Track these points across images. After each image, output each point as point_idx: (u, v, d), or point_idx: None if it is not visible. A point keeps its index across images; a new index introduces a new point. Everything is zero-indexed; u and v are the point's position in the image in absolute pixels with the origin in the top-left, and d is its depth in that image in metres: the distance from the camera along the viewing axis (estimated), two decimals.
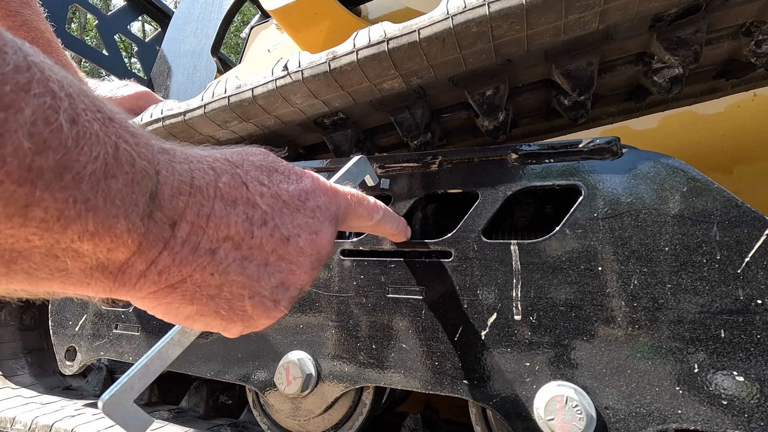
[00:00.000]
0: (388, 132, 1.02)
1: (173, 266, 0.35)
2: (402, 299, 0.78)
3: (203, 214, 0.36)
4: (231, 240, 0.39)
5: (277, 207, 0.43)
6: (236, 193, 0.39)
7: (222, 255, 0.38)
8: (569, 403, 0.62)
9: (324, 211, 0.48)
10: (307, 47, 1.73)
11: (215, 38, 2.74)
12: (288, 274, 0.44)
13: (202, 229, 0.36)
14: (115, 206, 0.29)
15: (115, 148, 0.29)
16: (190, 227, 0.35)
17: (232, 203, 0.39)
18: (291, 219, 0.44)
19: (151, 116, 0.95)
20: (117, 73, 3.34)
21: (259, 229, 0.41)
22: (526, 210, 0.99)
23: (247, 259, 0.40)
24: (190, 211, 0.35)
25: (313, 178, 0.50)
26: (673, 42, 0.73)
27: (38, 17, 1.04)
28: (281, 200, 0.44)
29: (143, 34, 14.89)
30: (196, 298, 0.38)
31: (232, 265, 0.39)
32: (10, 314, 1.27)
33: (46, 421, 0.96)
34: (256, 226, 0.40)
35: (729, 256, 0.61)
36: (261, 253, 0.41)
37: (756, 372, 0.57)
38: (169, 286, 0.36)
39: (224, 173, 0.39)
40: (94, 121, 0.28)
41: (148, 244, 0.33)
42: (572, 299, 0.67)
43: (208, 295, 0.39)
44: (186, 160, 0.37)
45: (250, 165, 0.44)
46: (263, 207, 0.41)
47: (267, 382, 0.86)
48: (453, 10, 0.67)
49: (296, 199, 0.45)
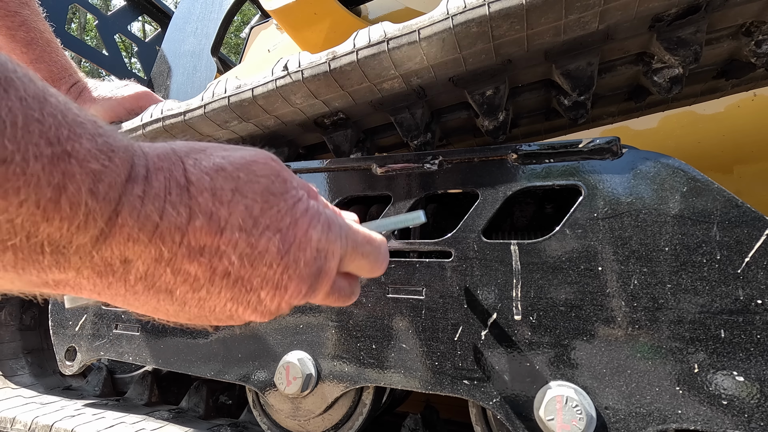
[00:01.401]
0: (388, 132, 1.02)
1: (128, 294, 0.34)
2: (402, 299, 0.78)
3: (162, 261, 0.34)
4: (189, 284, 0.36)
5: (249, 259, 0.37)
6: (207, 240, 0.35)
7: (178, 295, 0.36)
8: (569, 403, 0.62)
9: (301, 267, 0.41)
10: (307, 47, 1.73)
11: (215, 38, 2.74)
12: (240, 314, 0.40)
13: (159, 272, 0.34)
14: (39, 247, 0.28)
15: (58, 191, 0.27)
16: (145, 269, 0.34)
17: (199, 252, 0.35)
18: (258, 273, 0.38)
19: (151, 116, 0.95)
20: (117, 73, 3.34)
21: (221, 279, 0.37)
22: (526, 210, 0.99)
23: (203, 300, 0.38)
24: (146, 255, 0.33)
25: (322, 223, 0.42)
26: (673, 42, 0.73)
27: (37, 17, 1.04)
28: (255, 251, 0.37)
29: (143, 34, 14.91)
30: (157, 313, 0.38)
31: (189, 303, 0.37)
32: (10, 314, 1.27)
33: (46, 421, 0.96)
34: (218, 276, 0.37)
35: (729, 256, 0.61)
36: (217, 299, 0.38)
37: (756, 372, 0.57)
38: (128, 304, 0.36)
39: (199, 215, 0.35)
40: (34, 158, 0.26)
41: (90, 273, 0.31)
42: (572, 299, 0.67)
43: (166, 313, 0.38)
44: (161, 194, 0.33)
45: (241, 198, 0.37)
46: (232, 258, 0.37)
47: (267, 382, 0.86)
48: (453, 10, 0.67)
49: (274, 252, 0.39)
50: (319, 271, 0.42)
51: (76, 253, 0.30)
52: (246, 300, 0.39)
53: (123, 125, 1.00)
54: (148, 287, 0.34)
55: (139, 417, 0.99)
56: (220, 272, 0.36)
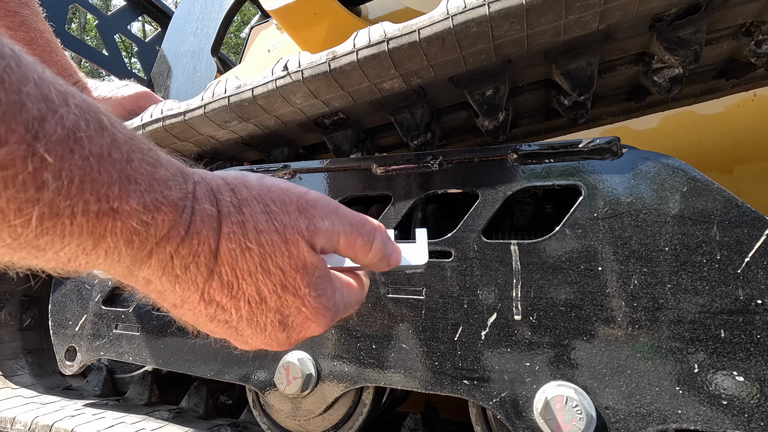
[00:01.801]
0: (388, 132, 1.02)
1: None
2: (402, 299, 0.77)
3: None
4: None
5: (248, 321, 0.43)
6: (217, 297, 0.40)
7: (182, 312, 0.42)
8: (569, 403, 0.62)
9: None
10: (307, 47, 1.73)
11: (215, 38, 2.74)
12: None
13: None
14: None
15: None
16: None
17: (209, 301, 0.40)
18: (252, 331, 0.44)
19: (151, 116, 0.95)
20: (117, 73, 3.34)
21: (218, 324, 0.42)
22: (526, 210, 0.99)
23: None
24: (162, 287, 0.38)
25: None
26: (673, 42, 0.73)
27: (37, 17, 1.04)
28: (254, 318, 0.43)
29: (143, 34, 14.90)
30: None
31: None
32: (10, 314, 1.27)
33: (46, 421, 0.96)
34: (216, 320, 0.42)
35: (729, 256, 0.61)
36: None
37: (756, 372, 0.57)
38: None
39: (218, 280, 0.40)
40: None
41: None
42: (572, 299, 0.67)
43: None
44: (190, 255, 0.37)
45: (258, 278, 0.42)
46: (233, 317, 0.42)
47: (267, 382, 0.86)
48: (453, 10, 0.67)
49: (274, 326, 0.44)
50: (300, 339, 0.48)
51: (105, 271, 0.34)
52: (234, 337, 0.45)
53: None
54: (159, 299, 0.40)
55: (139, 417, 0.99)
56: (220, 320, 0.42)
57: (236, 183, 0.42)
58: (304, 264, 0.43)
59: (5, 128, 0.23)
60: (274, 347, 0.46)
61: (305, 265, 0.43)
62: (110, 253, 0.32)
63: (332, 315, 0.47)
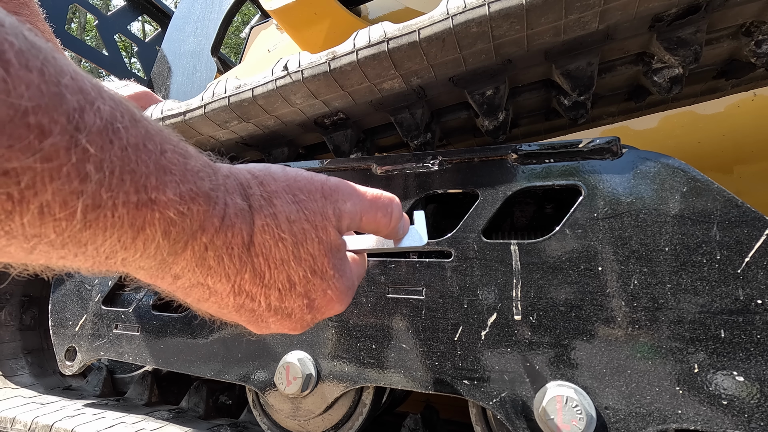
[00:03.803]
0: (388, 132, 1.02)
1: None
2: (402, 299, 0.77)
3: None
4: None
5: (275, 309, 0.44)
6: (247, 287, 0.41)
7: (207, 303, 0.42)
8: (569, 403, 0.62)
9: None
10: (307, 47, 1.73)
11: (215, 38, 2.74)
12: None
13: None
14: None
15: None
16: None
17: (238, 290, 0.41)
18: (277, 317, 0.46)
19: (151, 116, 0.95)
20: (117, 73, 3.34)
21: (244, 312, 0.43)
22: (526, 210, 0.99)
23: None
24: (192, 281, 0.39)
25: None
26: (673, 42, 0.73)
27: (37, 18, 1.04)
28: (283, 305, 0.45)
29: (143, 34, 14.89)
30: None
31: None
32: (10, 314, 1.27)
33: (46, 421, 0.96)
34: (243, 309, 0.43)
35: (729, 256, 0.61)
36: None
37: (756, 372, 0.57)
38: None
39: (251, 271, 0.41)
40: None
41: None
42: (572, 299, 0.67)
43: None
44: (224, 246, 0.38)
45: (291, 265, 0.44)
46: (261, 305, 0.43)
47: (267, 382, 0.86)
48: (453, 10, 0.67)
49: (301, 308, 0.46)
50: (323, 318, 0.50)
51: (138, 268, 0.35)
52: (255, 323, 0.46)
53: None
54: (185, 295, 0.41)
55: (139, 417, 0.99)
56: (247, 308, 0.43)
57: (264, 176, 0.44)
58: (330, 247, 0.45)
59: (48, 119, 0.24)
60: (297, 330, 0.48)
61: (332, 248, 0.46)
62: (148, 246, 0.32)
63: (351, 293, 0.50)
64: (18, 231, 0.25)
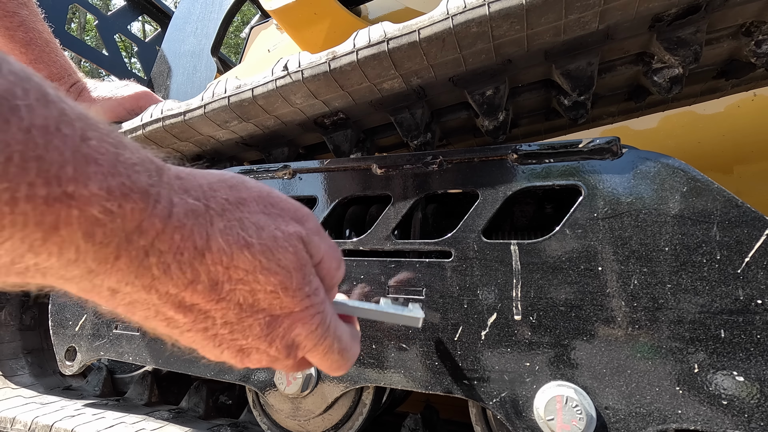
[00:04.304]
0: (388, 132, 1.02)
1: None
2: (402, 299, 0.77)
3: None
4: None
5: (231, 327, 0.39)
6: (200, 302, 0.36)
7: (153, 324, 0.37)
8: (569, 403, 0.62)
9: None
10: (307, 47, 1.73)
11: (215, 38, 2.74)
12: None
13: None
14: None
15: (50, 229, 0.26)
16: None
17: (189, 307, 0.36)
18: (234, 339, 0.40)
19: (151, 116, 0.94)
20: (117, 73, 3.34)
21: (196, 332, 0.39)
22: (526, 210, 0.99)
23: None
24: (132, 296, 0.33)
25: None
26: (673, 42, 0.73)
27: (36, 18, 1.04)
28: (242, 325, 0.39)
29: (143, 34, 14.90)
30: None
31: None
32: (10, 314, 1.27)
33: (46, 421, 0.96)
34: (195, 329, 0.38)
35: (729, 256, 0.61)
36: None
37: (756, 372, 0.57)
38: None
39: (206, 282, 0.35)
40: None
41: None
42: (572, 299, 0.67)
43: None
44: (171, 252, 0.32)
45: (258, 279, 0.38)
46: (216, 322, 0.38)
47: (267, 382, 0.86)
48: (453, 10, 0.67)
49: (262, 330, 0.40)
50: (287, 356, 0.43)
51: (61, 279, 0.29)
52: (209, 347, 0.40)
53: (123, 125, 1.00)
54: (128, 312, 0.35)
55: (139, 417, 0.99)
56: (199, 328, 0.37)
57: (236, 181, 0.40)
58: (305, 263, 0.41)
59: None
60: (261, 352, 0.41)
61: (306, 264, 0.41)
62: (65, 250, 0.27)
63: (325, 325, 0.44)
64: None
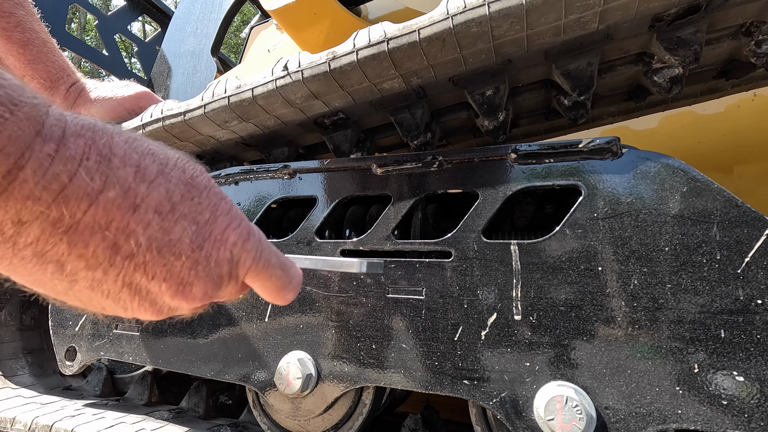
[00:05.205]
0: (388, 132, 1.02)
1: (15, 259, 0.32)
2: (402, 299, 0.77)
3: (61, 227, 0.31)
4: (84, 260, 0.33)
5: (158, 244, 0.36)
6: (116, 214, 0.33)
7: (68, 270, 0.33)
8: (569, 403, 0.62)
9: (211, 266, 0.39)
10: (307, 47, 1.73)
11: (215, 38, 2.74)
12: (133, 308, 0.38)
13: (54, 240, 0.32)
14: None
15: None
16: (39, 233, 0.31)
17: (105, 225, 0.33)
18: (165, 262, 0.36)
19: (151, 116, 0.94)
20: (117, 73, 3.34)
21: (123, 260, 0.35)
22: (526, 210, 0.99)
23: (97, 281, 0.35)
24: (44, 219, 0.31)
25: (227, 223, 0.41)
26: (673, 42, 0.73)
27: (32, 18, 1.04)
28: (167, 238, 0.36)
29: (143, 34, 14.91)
30: (45, 288, 0.35)
31: (81, 282, 0.35)
32: (10, 314, 1.27)
33: (46, 421, 0.96)
34: (120, 256, 0.34)
35: (729, 256, 0.61)
36: (114, 283, 0.35)
37: (756, 372, 0.57)
38: (14, 272, 0.33)
39: (115, 186, 0.33)
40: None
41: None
42: (572, 299, 0.67)
43: (55, 291, 0.35)
44: (77, 157, 0.31)
45: (164, 181, 0.36)
46: (140, 239, 0.35)
47: (267, 382, 0.86)
48: (453, 10, 0.67)
49: (187, 242, 0.37)
50: (229, 274, 0.41)
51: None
52: (145, 290, 0.37)
53: (123, 125, 1.00)
54: (37, 254, 0.32)
55: (139, 417, 0.99)
56: (123, 253, 0.34)
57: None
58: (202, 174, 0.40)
59: None
60: (200, 275, 0.38)
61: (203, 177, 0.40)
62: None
63: (248, 228, 0.42)
64: None
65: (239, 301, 0.79)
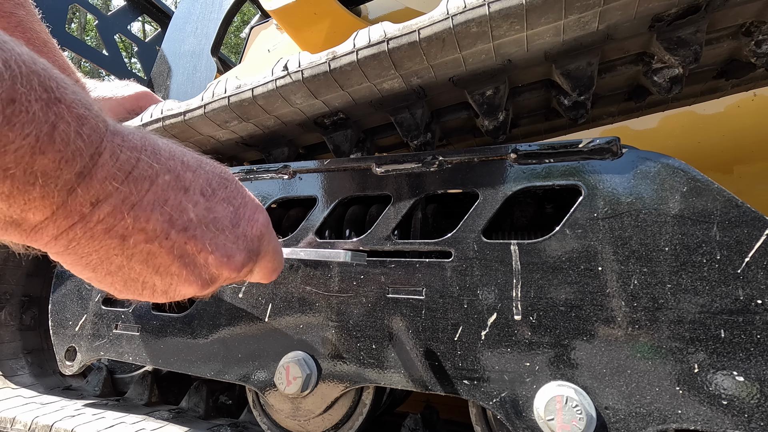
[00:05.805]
0: (388, 132, 1.02)
1: (83, 239, 0.38)
2: (402, 299, 0.77)
3: (129, 203, 0.38)
4: (145, 233, 0.40)
5: (205, 221, 0.44)
6: (171, 194, 0.41)
7: (131, 243, 0.40)
8: (569, 403, 0.62)
9: (248, 241, 0.48)
10: (307, 47, 1.73)
11: (215, 38, 2.74)
12: (180, 281, 0.45)
13: (122, 215, 0.38)
14: (33, 176, 0.32)
15: (52, 128, 0.32)
16: (110, 209, 0.37)
17: (163, 202, 0.40)
18: (212, 236, 0.44)
19: (151, 116, 0.95)
20: (117, 73, 3.34)
21: (177, 233, 0.42)
22: (526, 210, 0.99)
23: (152, 255, 0.41)
24: (116, 197, 0.37)
25: (256, 209, 0.51)
26: (673, 42, 0.73)
27: (33, 18, 1.04)
28: (212, 215, 0.44)
29: (143, 34, 14.90)
30: (98, 268, 0.41)
31: (137, 256, 0.41)
32: (10, 314, 1.27)
33: (46, 421, 0.96)
34: (175, 229, 0.41)
35: (729, 256, 0.61)
36: (168, 255, 0.42)
37: (756, 372, 0.57)
38: (76, 253, 0.39)
39: (168, 172, 0.41)
40: (35, 101, 0.31)
41: (63, 213, 0.35)
42: (572, 299, 0.67)
43: (108, 270, 0.41)
44: (138, 148, 0.39)
45: (204, 172, 0.45)
46: (191, 215, 0.43)
47: (267, 382, 0.86)
48: (453, 10, 0.67)
49: (228, 220, 0.46)
50: (258, 250, 0.50)
51: (61, 188, 0.34)
52: (192, 262, 0.44)
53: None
54: (106, 230, 0.38)
55: (139, 417, 0.99)
56: (178, 226, 0.42)
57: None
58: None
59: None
60: (240, 248, 0.47)
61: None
62: (64, 144, 0.33)
63: (268, 217, 0.52)
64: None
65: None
